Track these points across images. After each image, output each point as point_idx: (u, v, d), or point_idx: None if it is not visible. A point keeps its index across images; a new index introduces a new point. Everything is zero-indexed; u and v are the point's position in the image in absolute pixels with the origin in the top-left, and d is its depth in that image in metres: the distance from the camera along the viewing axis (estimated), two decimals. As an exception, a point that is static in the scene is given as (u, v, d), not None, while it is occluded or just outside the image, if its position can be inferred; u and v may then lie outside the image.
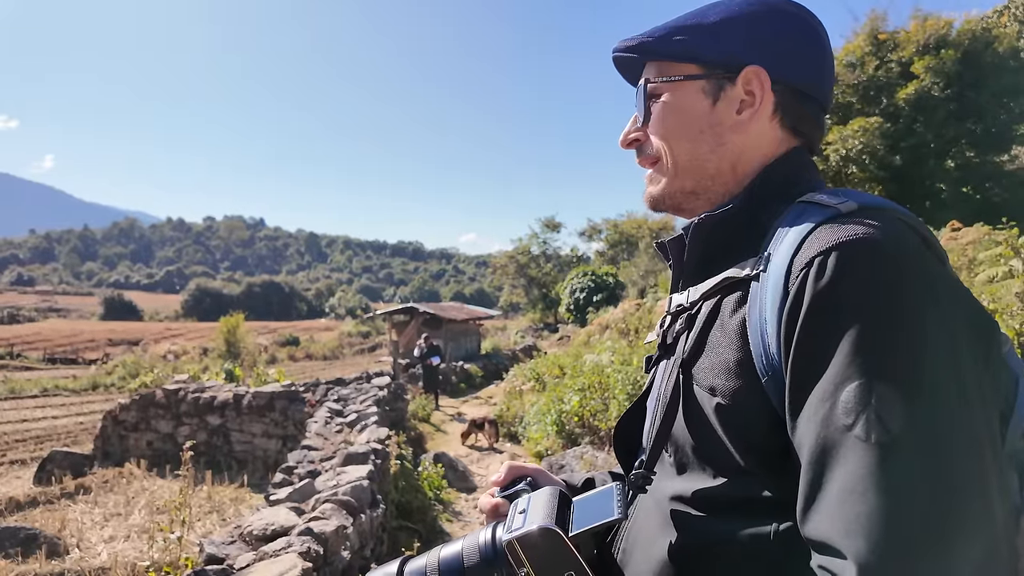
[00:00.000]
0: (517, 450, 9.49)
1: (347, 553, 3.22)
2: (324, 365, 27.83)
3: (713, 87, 0.75)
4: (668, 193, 0.80)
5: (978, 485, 0.50)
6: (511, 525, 0.65)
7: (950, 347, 0.54)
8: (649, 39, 0.79)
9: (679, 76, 0.77)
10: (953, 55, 16.25)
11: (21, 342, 36.40)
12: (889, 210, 0.63)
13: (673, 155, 0.78)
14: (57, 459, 8.56)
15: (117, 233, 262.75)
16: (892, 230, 0.58)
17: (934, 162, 17.04)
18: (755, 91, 0.74)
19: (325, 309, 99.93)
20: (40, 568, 4.64)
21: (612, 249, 35.28)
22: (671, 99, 0.77)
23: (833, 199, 0.64)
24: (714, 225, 0.73)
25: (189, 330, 51.36)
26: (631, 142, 0.83)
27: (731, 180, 0.76)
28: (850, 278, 0.56)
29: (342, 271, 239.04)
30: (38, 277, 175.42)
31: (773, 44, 0.74)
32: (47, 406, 15.97)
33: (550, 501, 0.67)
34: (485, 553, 0.67)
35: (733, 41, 0.75)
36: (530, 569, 0.62)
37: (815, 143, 0.79)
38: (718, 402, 0.64)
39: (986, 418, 0.54)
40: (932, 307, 0.55)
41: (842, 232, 0.58)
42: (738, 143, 0.75)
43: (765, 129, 0.75)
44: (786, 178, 0.74)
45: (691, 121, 0.76)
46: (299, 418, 8.52)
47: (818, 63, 0.76)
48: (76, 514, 6.46)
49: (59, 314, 76.13)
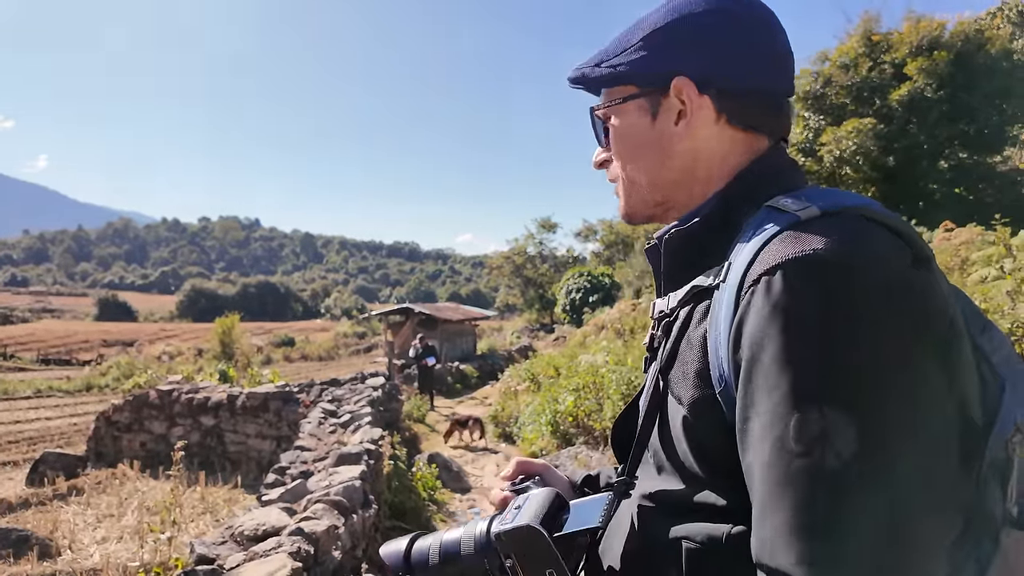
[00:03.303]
0: (512, 450, 9.49)
1: (338, 553, 3.22)
2: (319, 366, 27.80)
3: (652, 102, 0.76)
4: (637, 209, 0.82)
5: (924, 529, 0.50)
6: (503, 519, 0.70)
7: (902, 370, 0.52)
8: (585, 71, 0.82)
9: (618, 99, 0.79)
10: (946, 56, 16.34)
11: (14, 343, 36.23)
12: (853, 212, 0.61)
13: (628, 173, 0.80)
14: (50, 460, 8.51)
15: (112, 233, 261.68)
16: (849, 241, 0.57)
17: (927, 163, 17.14)
18: (685, 100, 0.74)
19: (321, 310, 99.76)
20: (32, 570, 4.62)
21: (608, 250, 35.31)
22: (617, 121, 0.80)
23: (796, 204, 0.63)
24: (681, 239, 0.74)
25: (184, 331, 51.21)
26: (601, 163, 0.86)
27: (695, 187, 0.76)
28: (796, 300, 0.55)
29: (338, 272, 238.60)
30: (32, 278, 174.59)
31: (696, 49, 0.74)
32: (40, 407, 15.90)
33: (543, 502, 0.71)
34: (479, 542, 0.71)
35: (658, 54, 0.75)
36: (515, 561, 0.67)
37: (782, 131, 0.78)
38: (683, 413, 0.65)
39: (937, 445, 0.52)
40: (885, 326, 0.53)
41: (794, 246, 0.57)
42: (688, 151, 0.75)
43: (714, 134, 0.74)
44: (756, 182, 0.73)
45: (637, 139, 0.78)
46: (293, 419, 8.50)
47: (757, 54, 0.74)
48: (68, 515, 6.43)
49: (53, 315, 75.77)
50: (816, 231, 0.58)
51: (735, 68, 0.74)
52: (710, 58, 0.73)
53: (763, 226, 0.63)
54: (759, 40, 0.74)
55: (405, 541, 0.78)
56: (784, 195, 0.66)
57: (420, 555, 0.75)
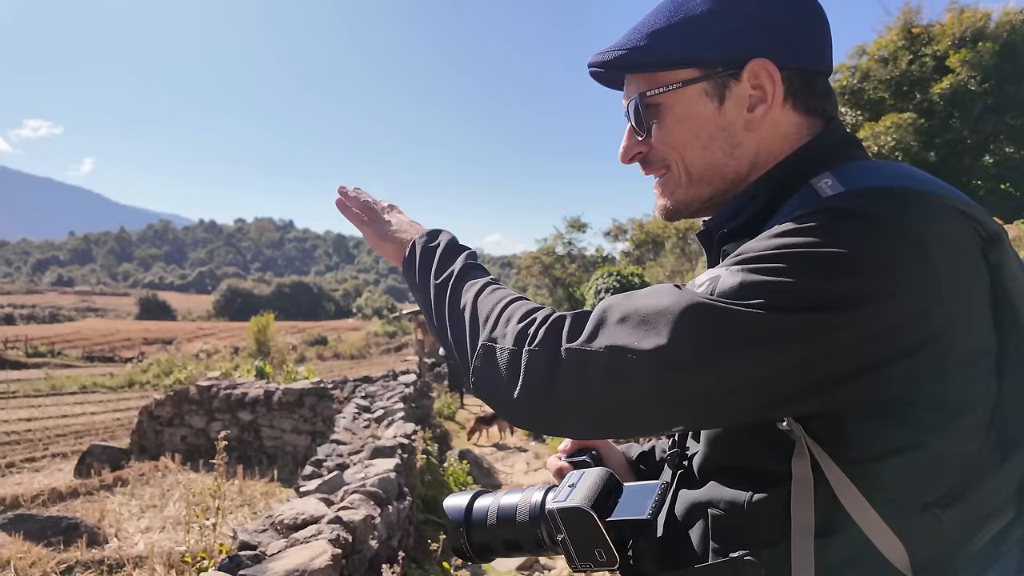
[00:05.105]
0: (542, 448, 9.50)
1: (375, 542, 3.28)
2: (351, 364, 28.17)
3: (717, 87, 0.70)
4: (685, 203, 0.76)
5: None
6: (558, 495, 0.72)
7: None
8: (630, 50, 0.73)
9: (676, 84, 0.71)
10: (991, 48, 15.80)
11: (61, 340, 37.61)
12: (898, 189, 0.59)
13: (686, 165, 0.73)
14: (96, 453, 8.83)
15: (152, 235, 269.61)
16: (866, 202, 0.58)
17: (971, 158, 16.57)
18: (765, 85, 0.69)
19: (352, 309, 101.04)
20: (81, 556, 4.80)
21: (638, 249, 34.93)
22: (673, 108, 0.72)
23: (833, 183, 0.62)
24: (734, 230, 0.72)
25: (220, 329, 52.48)
26: (634, 156, 0.78)
27: (751, 176, 0.72)
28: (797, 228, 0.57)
29: (369, 272, 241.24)
30: (77, 278, 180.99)
31: (771, 28, 0.69)
32: (86, 402, 16.46)
33: (596, 483, 0.72)
34: (533, 512, 0.75)
35: (727, 34, 0.69)
36: (566, 536, 0.69)
37: (832, 112, 0.75)
38: None
39: None
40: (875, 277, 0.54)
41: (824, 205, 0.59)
42: (754, 141, 0.71)
43: (779, 120, 0.70)
44: (806, 165, 0.69)
45: (699, 127, 0.71)
46: (327, 414, 8.65)
47: (818, 34, 0.72)
48: (114, 505, 6.67)
49: (97, 314, 78.49)
50: (831, 213, 0.58)
51: (805, 48, 0.70)
52: (783, 39, 0.69)
53: (791, 208, 0.63)
54: (819, 18, 0.72)
55: (467, 497, 0.81)
56: (830, 173, 0.64)
57: (479, 513, 0.79)
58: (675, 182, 0.75)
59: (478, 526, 0.78)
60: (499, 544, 0.77)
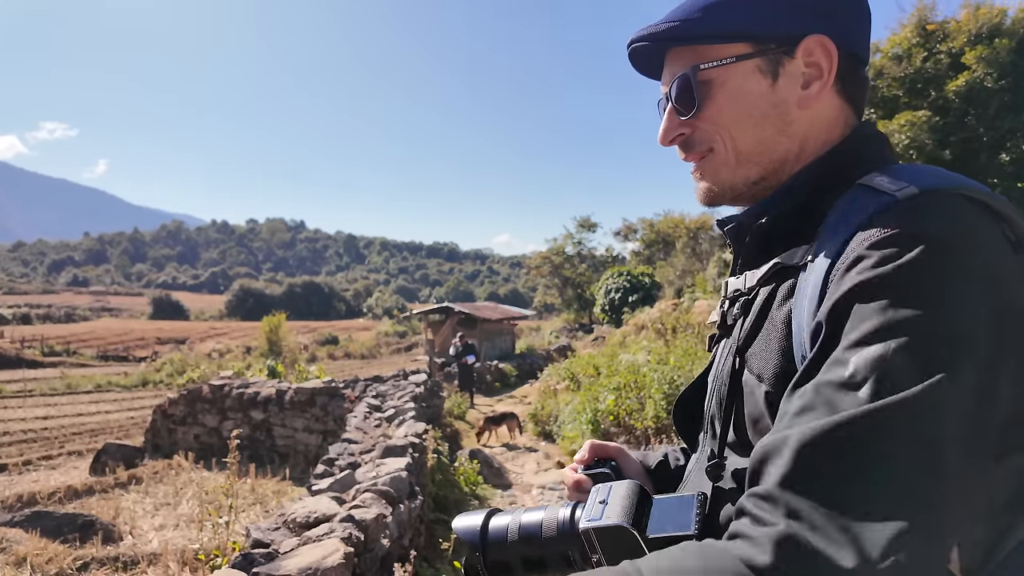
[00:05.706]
0: (551, 449, 9.49)
1: (386, 541, 3.29)
2: (362, 363, 28.29)
3: (770, 64, 0.69)
4: (730, 185, 0.74)
5: (955, 480, 0.47)
6: (590, 513, 0.69)
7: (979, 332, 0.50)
8: (683, 22, 0.71)
9: (729, 58, 0.69)
10: (1008, 44, 15.59)
11: (76, 340, 38.03)
12: (950, 191, 0.58)
13: (736, 143, 0.71)
14: (111, 451, 8.92)
15: (165, 235, 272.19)
16: (947, 220, 0.55)
17: (987, 156, 16.37)
18: (821, 63, 0.68)
19: (363, 309, 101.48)
20: (96, 553, 4.85)
21: (648, 249, 34.85)
22: (726, 84, 0.70)
23: (892, 183, 0.60)
24: (775, 222, 0.70)
25: (233, 329, 52.87)
26: (675, 138, 0.76)
27: (797, 162, 0.71)
28: (893, 272, 0.53)
29: (379, 272, 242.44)
30: (92, 278, 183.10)
31: (826, 8, 0.68)
32: (100, 401, 16.65)
33: (630, 496, 0.69)
34: (563, 530, 0.71)
35: (783, 10, 0.68)
36: (602, 556, 0.66)
37: (863, 106, 0.74)
38: (765, 389, 0.64)
39: (988, 417, 0.50)
40: (969, 297, 0.51)
41: (895, 224, 0.55)
42: (806, 119, 0.70)
43: (827, 102, 0.70)
44: (849, 159, 0.68)
45: (752, 104, 0.70)
46: (339, 413, 8.70)
47: (866, 23, 0.71)
48: (129, 503, 6.74)
49: (111, 313, 79.32)
50: (915, 211, 0.56)
51: (858, 30, 0.70)
52: (838, 20, 0.68)
53: (855, 206, 0.61)
54: (866, 7, 0.71)
55: (481, 516, 0.78)
56: (878, 173, 0.63)
57: (498, 531, 0.75)
58: (721, 161, 0.73)
59: (497, 544, 0.74)
60: (519, 562, 0.73)
